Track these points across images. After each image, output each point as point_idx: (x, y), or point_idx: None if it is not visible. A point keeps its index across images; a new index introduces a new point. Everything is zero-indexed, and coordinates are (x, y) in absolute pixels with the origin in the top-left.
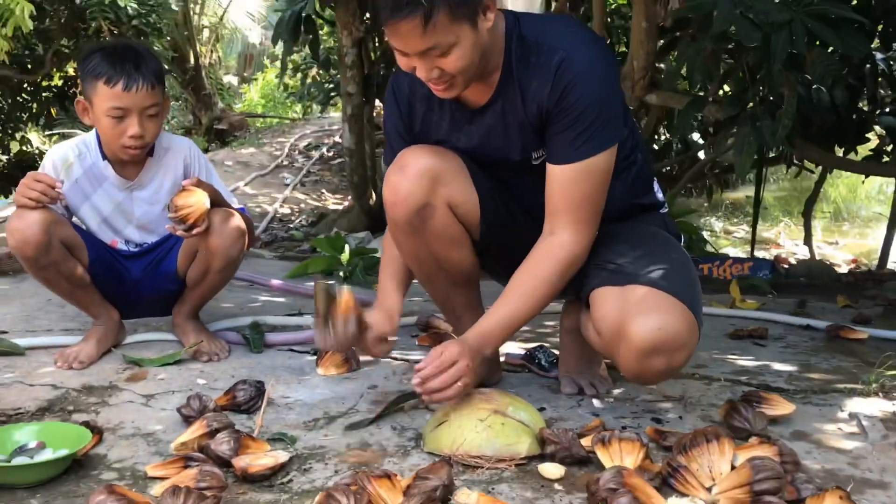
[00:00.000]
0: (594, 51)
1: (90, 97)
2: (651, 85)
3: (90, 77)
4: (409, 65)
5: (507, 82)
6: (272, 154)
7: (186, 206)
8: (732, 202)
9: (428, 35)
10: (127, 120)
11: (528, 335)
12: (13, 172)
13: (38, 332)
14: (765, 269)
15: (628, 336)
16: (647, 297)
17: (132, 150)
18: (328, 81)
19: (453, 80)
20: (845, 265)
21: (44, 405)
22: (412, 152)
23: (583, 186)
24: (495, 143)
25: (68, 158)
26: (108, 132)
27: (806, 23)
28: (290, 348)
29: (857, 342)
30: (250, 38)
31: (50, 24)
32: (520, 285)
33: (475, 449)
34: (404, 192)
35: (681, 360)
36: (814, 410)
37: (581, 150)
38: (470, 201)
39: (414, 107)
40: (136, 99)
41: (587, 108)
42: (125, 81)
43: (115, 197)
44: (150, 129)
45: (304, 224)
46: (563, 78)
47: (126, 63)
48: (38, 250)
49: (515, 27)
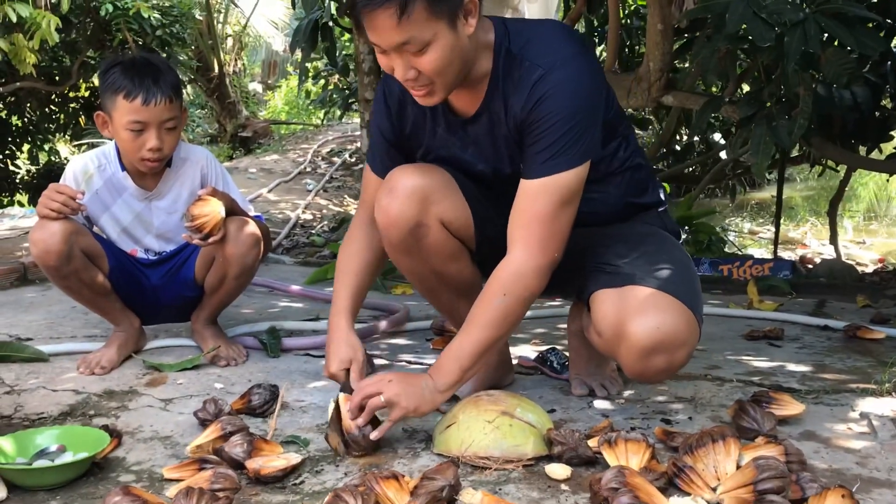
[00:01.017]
0: (573, 67)
1: (109, 111)
2: (668, 86)
3: (109, 91)
4: (388, 64)
5: (494, 94)
6: (295, 160)
7: (202, 216)
8: (758, 202)
9: (403, 27)
10: (146, 133)
11: (539, 337)
12: (41, 182)
13: (62, 338)
14: (785, 270)
15: (628, 336)
16: (644, 298)
17: (151, 163)
18: (346, 88)
19: (432, 85)
20: (872, 265)
21: (66, 410)
22: (400, 173)
23: (543, 203)
24: (486, 154)
25: (88, 170)
26: (128, 145)
27: (820, 22)
28: (307, 353)
29: (875, 342)
30: (274, 45)
31: (76, 36)
32: (470, 314)
33: (483, 450)
34: (395, 214)
35: (682, 357)
36: (825, 410)
37: (545, 165)
38: (463, 216)
39: (405, 108)
40: (155, 113)
41: (556, 123)
42: (144, 95)
43: (135, 207)
44: (168, 141)
45: (325, 230)
46: (537, 92)
47: (145, 77)
48: (60, 260)
49: (505, 40)
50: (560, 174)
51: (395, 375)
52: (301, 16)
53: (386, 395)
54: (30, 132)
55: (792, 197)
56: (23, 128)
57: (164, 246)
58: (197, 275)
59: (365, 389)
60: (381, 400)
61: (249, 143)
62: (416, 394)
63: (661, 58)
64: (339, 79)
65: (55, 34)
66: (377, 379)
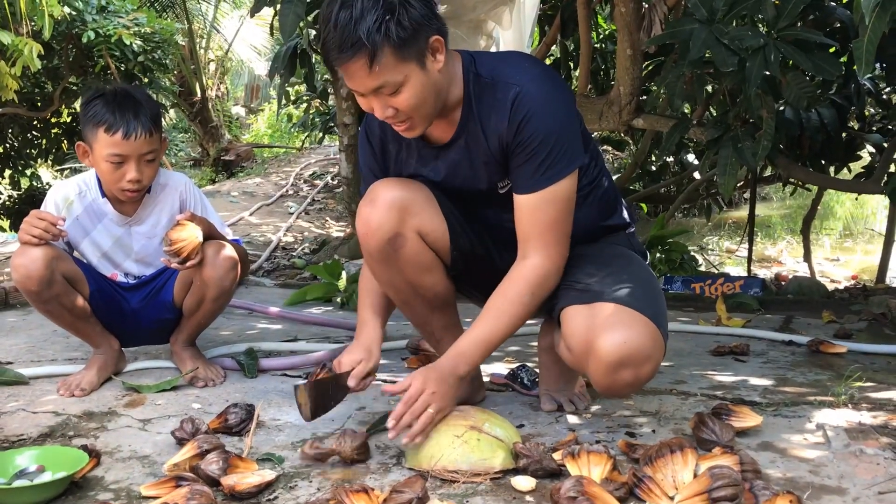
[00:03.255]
0: (547, 84)
1: (90, 142)
2: (638, 109)
3: (91, 123)
4: (367, 105)
5: (468, 119)
6: (277, 183)
7: (180, 241)
8: (735, 221)
9: (374, 74)
10: (125, 165)
11: (512, 355)
12: (23, 208)
13: (42, 362)
14: (755, 287)
15: (596, 351)
16: (612, 314)
17: (130, 193)
18: (326, 112)
19: (411, 120)
20: (846, 282)
21: (45, 431)
22: (381, 185)
23: (549, 212)
24: (463, 175)
25: (69, 196)
26: (108, 176)
27: (779, 47)
28: (284, 373)
29: (837, 356)
30: (256, 70)
31: (58, 62)
32: (493, 306)
33: (452, 464)
34: (375, 224)
35: (648, 371)
36: (783, 422)
37: (543, 178)
38: (439, 229)
39: (387, 147)
40: (135, 146)
41: (544, 140)
42: (125, 129)
43: (115, 232)
44: (147, 173)
45: (306, 252)
46: (519, 112)
47: (126, 111)
48: (41, 285)
49: (472, 66)
50: (558, 183)
51: (426, 378)
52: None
53: (434, 408)
54: (11, 158)
55: (769, 215)
56: (4, 153)
57: (144, 270)
58: (175, 298)
59: (410, 404)
60: (430, 413)
61: (232, 166)
62: (451, 394)
63: (630, 82)
64: (320, 103)
65: (37, 61)
66: (417, 389)
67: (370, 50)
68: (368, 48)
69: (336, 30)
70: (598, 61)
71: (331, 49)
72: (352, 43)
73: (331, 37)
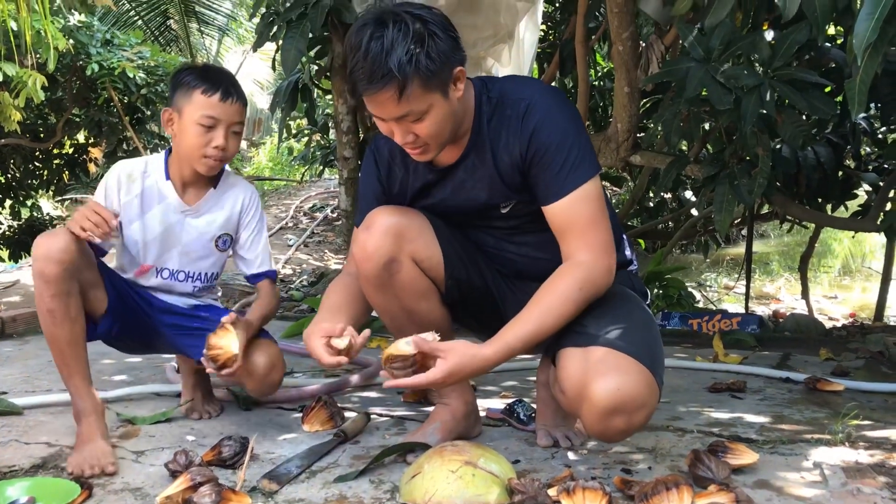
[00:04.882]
0: (555, 96)
1: (181, 106)
2: (635, 146)
3: (185, 87)
4: (387, 129)
5: (478, 139)
6: (278, 216)
7: (216, 347)
8: (733, 257)
9: (402, 104)
10: (215, 130)
11: (509, 390)
12: (23, 238)
13: (37, 391)
14: (753, 324)
15: (589, 397)
16: (606, 359)
17: (212, 162)
18: (327, 146)
19: (427, 146)
20: (843, 319)
21: (38, 462)
22: (378, 212)
23: (584, 211)
24: (465, 194)
25: (133, 173)
26: (195, 140)
27: (775, 86)
28: (279, 406)
29: (834, 394)
30: (258, 103)
31: (62, 94)
32: (541, 301)
33: (446, 499)
34: (372, 249)
35: (641, 418)
36: (780, 460)
37: (567, 181)
38: (434, 256)
39: (393, 170)
40: (230, 111)
41: (559, 144)
42: (222, 93)
43: (169, 219)
44: (232, 144)
45: (304, 284)
46: (530, 123)
47: (223, 79)
48: (60, 267)
49: (484, 90)
50: (585, 184)
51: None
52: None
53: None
54: (12, 188)
55: (767, 252)
56: (5, 183)
57: (185, 266)
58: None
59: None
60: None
61: None
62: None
63: (628, 119)
64: (321, 136)
65: (41, 92)
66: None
67: (400, 81)
68: (399, 79)
69: (366, 60)
70: (596, 98)
71: (360, 79)
72: (382, 74)
73: (360, 66)
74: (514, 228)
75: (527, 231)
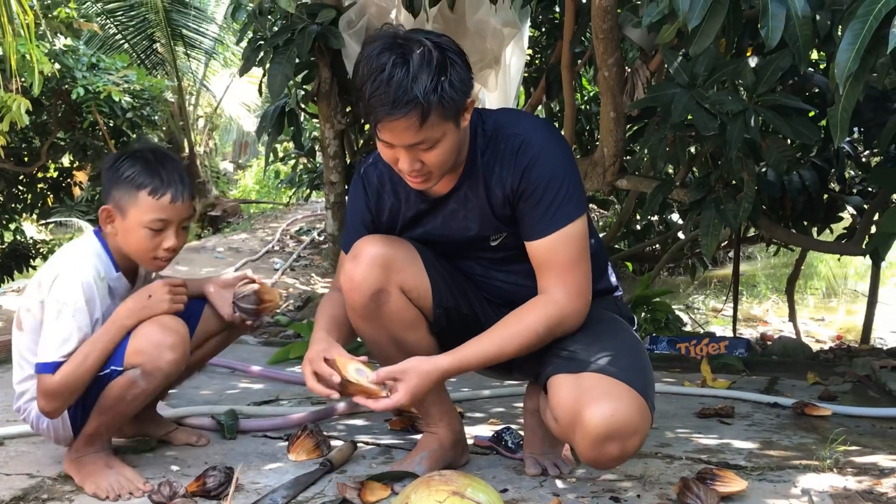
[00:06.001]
0: (548, 132)
1: (124, 206)
2: (622, 170)
3: (127, 186)
4: (393, 156)
5: (471, 171)
6: (264, 239)
7: (272, 300)
8: (720, 280)
9: (421, 132)
10: (165, 232)
11: (497, 416)
12: (6, 262)
13: (17, 421)
14: (740, 348)
15: (583, 423)
16: (598, 385)
17: (163, 262)
18: (313, 169)
19: (430, 174)
20: (830, 342)
21: (18, 494)
22: (366, 242)
23: (565, 252)
24: (456, 225)
25: (100, 272)
26: (143, 243)
27: (759, 112)
28: (265, 434)
29: (822, 419)
30: (245, 126)
31: (47, 118)
32: (508, 326)
33: None
34: (359, 279)
35: (634, 444)
36: (768, 487)
37: (553, 220)
38: (422, 286)
39: (382, 198)
40: (180, 211)
41: (550, 181)
42: (173, 193)
43: (117, 304)
44: (182, 239)
45: (290, 309)
46: (524, 158)
47: (171, 173)
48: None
49: (479, 122)
50: (570, 224)
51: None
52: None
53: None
54: None
55: (754, 274)
56: None
57: None
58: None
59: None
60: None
61: (219, 221)
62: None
63: (614, 144)
64: (308, 160)
65: (25, 116)
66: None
67: (425, 109)
68: (423, 107)
69: (389, 86)
70: (582, 123)
71: (381, 104)
72: (407, 101)
73: (382, 92)
74: (503, 259)
75: (515, 260)
